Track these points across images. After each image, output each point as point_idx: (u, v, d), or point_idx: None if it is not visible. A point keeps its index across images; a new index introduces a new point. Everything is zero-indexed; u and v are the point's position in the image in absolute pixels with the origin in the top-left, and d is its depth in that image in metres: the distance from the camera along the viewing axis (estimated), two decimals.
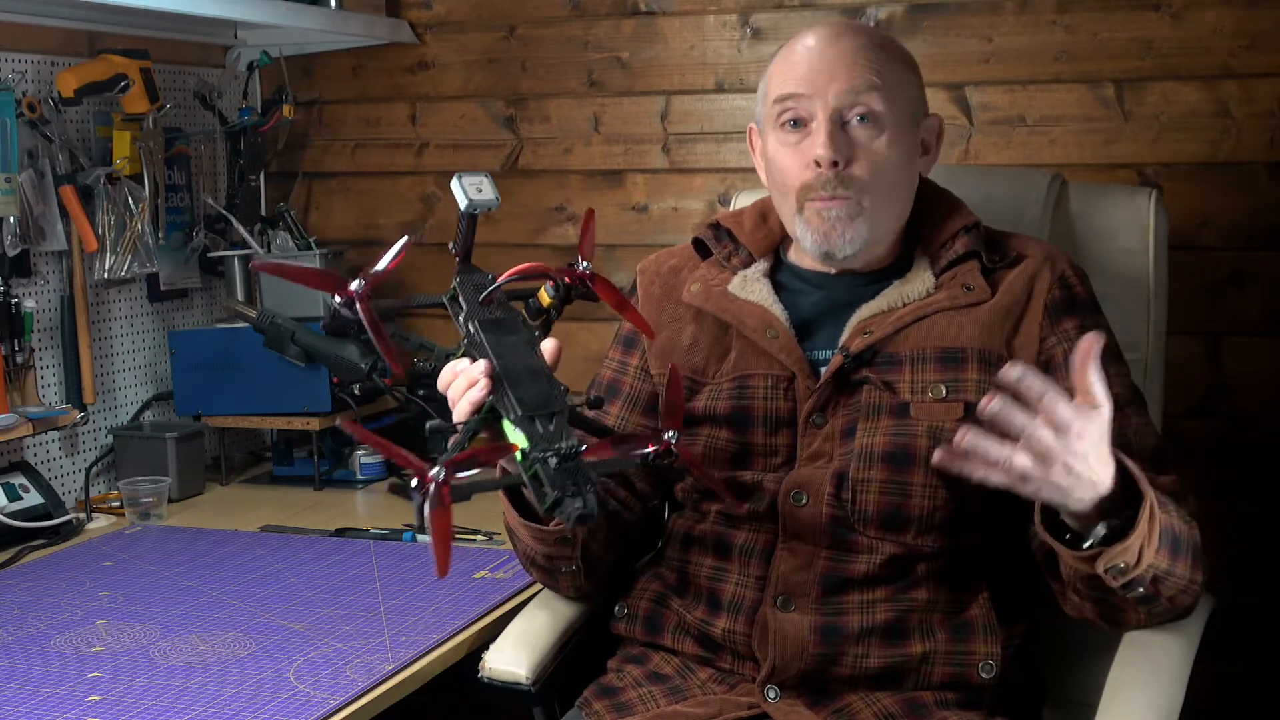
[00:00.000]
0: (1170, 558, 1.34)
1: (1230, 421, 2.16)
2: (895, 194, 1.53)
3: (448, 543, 1.09)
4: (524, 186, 2.54)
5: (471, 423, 1.27)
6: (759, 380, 1.53)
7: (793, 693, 1.46)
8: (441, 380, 1.34)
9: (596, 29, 2.46)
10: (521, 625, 1.62)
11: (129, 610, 1.76)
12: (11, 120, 2.08)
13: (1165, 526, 1.32)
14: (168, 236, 2.39)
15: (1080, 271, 1.56)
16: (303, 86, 2.64)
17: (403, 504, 2.25)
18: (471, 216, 1.36)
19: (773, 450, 1.52)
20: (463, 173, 1.36)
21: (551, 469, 1.17)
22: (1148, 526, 1.28)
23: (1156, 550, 1.31)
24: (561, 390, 1.27)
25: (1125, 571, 1.30)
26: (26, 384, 2.15)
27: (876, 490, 1.46)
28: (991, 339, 1.49)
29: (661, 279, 1.67)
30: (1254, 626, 2.14)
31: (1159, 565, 1.33)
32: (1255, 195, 2.11)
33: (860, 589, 1.47)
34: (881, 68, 1.50)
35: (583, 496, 1.16)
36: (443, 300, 1.37)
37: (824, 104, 1.49)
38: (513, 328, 1.32)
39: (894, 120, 1.50)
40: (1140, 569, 1.31)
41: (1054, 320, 1.50)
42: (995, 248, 1.56)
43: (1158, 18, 2.13)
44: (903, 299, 1.52)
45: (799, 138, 1.51)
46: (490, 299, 1.33)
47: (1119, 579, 1.32)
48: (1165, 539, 1.32)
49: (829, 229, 1.50)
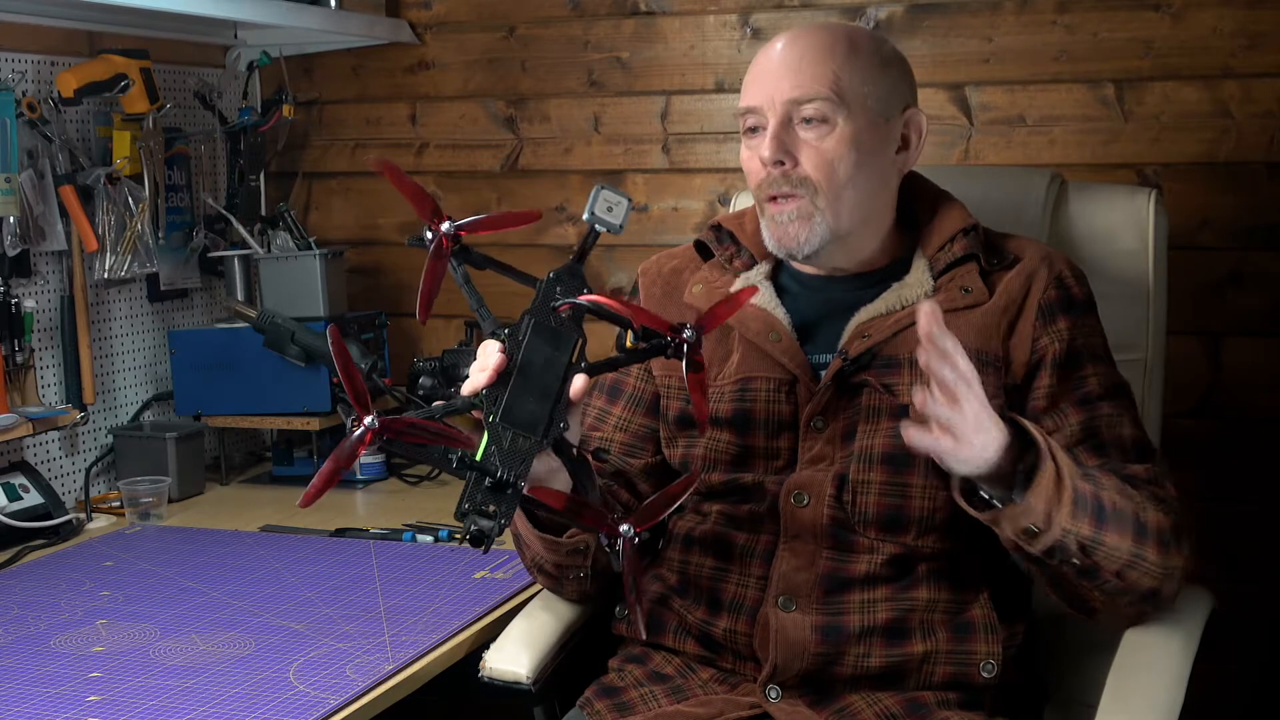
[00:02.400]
0: (1095, 526, 1.35)
1: (1230, 421, 2.16)
2: (851, 191, 1.51)
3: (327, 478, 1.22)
4: (524, 186, 2.54)
5: (458, 402, 1.28)
6: (761, 383, 1.53)
7: (794, 692, 1.47)
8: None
9: (596, 29, 2.46)
10: (522, 625, 1.62)
11: (129, 610, 1.75)
12: (11, 120, 2.08)
13: (1085, 494, 1.34)
14: (168, 236, 2.39)
15: (1078, 272, 1.56)
16: (303, 86, 2.64)
17: (403, 504, 2.25)
18: (593, 228, 1.36)
19: (774, 453, 1.52)
20: (608, 186, 1.37)
21: (482, 483, 1.20)
22: (1054, 490, 1.31)
23: (1071, 516, 1.33)
24: (556, 426, 1.28)
25: (1037, 535, 1.33)
26: (26, 384, 2.15)
27: (876, 492, 1.46)
28: (989, 341, 1.49)
29: (663, 280, 1.67)
30: (1254, 626, 2.14)
31: (1080, 532, 1.34)
32: (1255, 195, 2.11)
33: (861, 589, 1.47)
34: (836, 66, 1.49)
35: (493, 522, 1.20)
36: (535, 280, 1.37)
37: (773, 109, 1.50)
38: (561, 345, 1.32)
39: (849, 117, 1.49)
40: (1054, 533, 1.33)
41: (1047, 319, 1.50)
42: (994, 250, 1.56)
43: (1158, 18, 2.13)
44: (901, 302, 1.52)
45: (757, 142, 1.53)
46: (565, 309, 1.33)
47: (1033, 544, 1.34)
48: (1084, 506, 1.34)
49: (782, 232, 1.51)
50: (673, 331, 1.36)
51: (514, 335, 1.31)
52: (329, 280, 2.41)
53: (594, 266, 2.50)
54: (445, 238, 1.34)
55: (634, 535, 1.28)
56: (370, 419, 1.17)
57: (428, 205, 1.35)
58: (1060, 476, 1.32)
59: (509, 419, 1.25)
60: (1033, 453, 1.33)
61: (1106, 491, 1.38)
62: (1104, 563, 1.37)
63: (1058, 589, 1.44)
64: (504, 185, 2.55)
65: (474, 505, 1.20)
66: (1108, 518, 1.36)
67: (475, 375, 1.30)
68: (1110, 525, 1.36)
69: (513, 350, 1.29)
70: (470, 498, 1.20)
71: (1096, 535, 1.35)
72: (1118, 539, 1.37)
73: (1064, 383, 1.49)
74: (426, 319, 1.31)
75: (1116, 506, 1.38)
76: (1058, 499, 1.32)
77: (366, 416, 1.17)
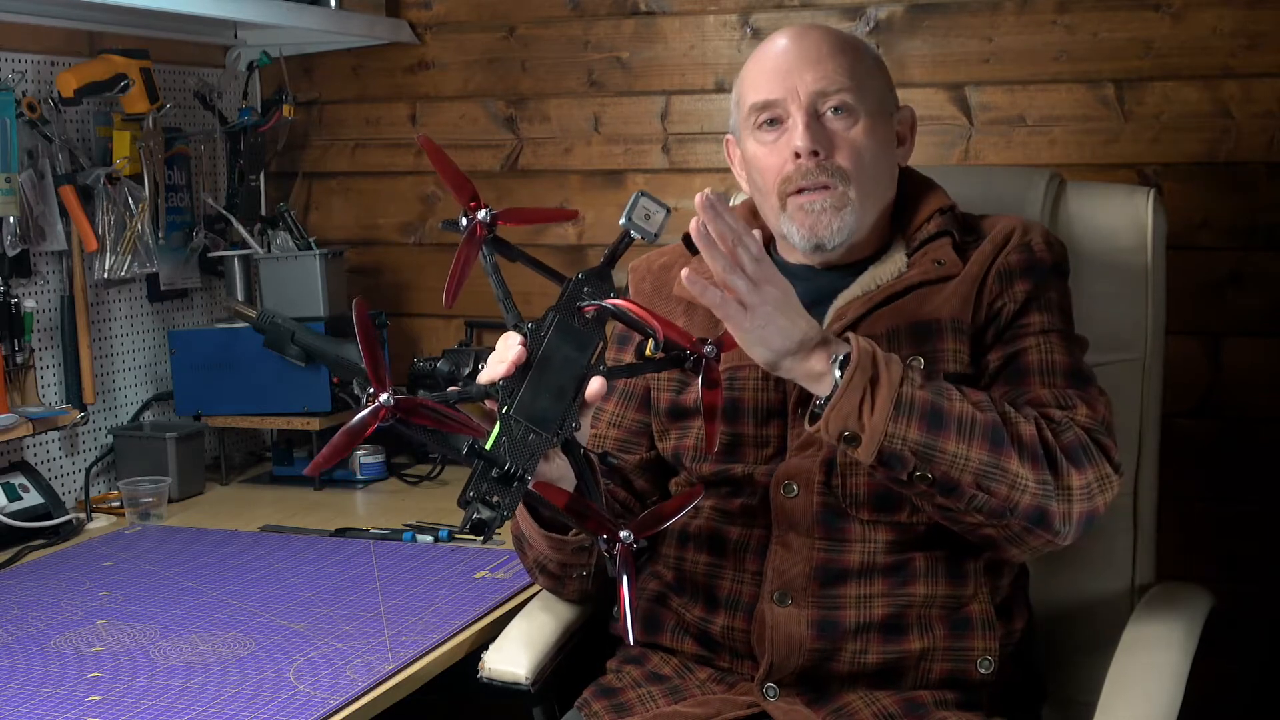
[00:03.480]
0: (926, 431, 1.33)
1: (1230, 421, 2.16)
2: (877, 182, 1.54)
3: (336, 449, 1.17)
4: (524, 186, 2.54)
5: (473, 389, 1.28)
6: (749, 372, 1.53)
7: (791, 691, 1.47)
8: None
9: (596, 29, 2.46)
10: (521, 625, 1.62)
11: (129, 610, 1.76)
12: (11, 120, 2.08)
13: (913, 399, 1.33)
14: (168, 236, 2.39)
15: (1053, 240, 1.56)
16: (303, 86, 2.64)
17: (403, 504, 2.26)
18: (627, 233, 1.36)
19: (764, 441, 1.53)
20: (648, 194, 1.35)
21: (489, 472, 1.19)
22: (868, 389, 1.31)
23: (892, 419, 1.32)
24: (569, 426, 1.28)
25: (855, 440, 1.33)
26: (26, 384, 2.15)
27: (865, 472, 1.45)
28: (963, 310, 1.50)
29: (653, 276, 1.68)
30: (1254, 626, 2.14)
31: (909, 437, 1.33)
32: (1255, 195, 2.11)
33: (857, 581, 1.47)
34: (847, 61, 1.52)
35: (496, 513, 1.19)
36: (563, 279, 1.36)
37: (797, 100, 1.50)
38: (581, 346, 1.32)
39: (867, 110, 1.52)
40: (874, 437, 1.32)
41: (1005, 282, 1.50)
42: (970, 228, 1.57)
43: (1158, 18, 2.13)
44: (875, 282, 1.53)
45: (776, 135, 1.53)
46: (590, 310, 1.33)
47: (860, 452, 1.33)
48: (909, 409, 1.33)
49: (814, 221, 1.51)
50: (694, 346, 1.35)
51: (536, 331, 1.30)
52: (329, 280, 2.41)
53: (594, 263, 2.49)
54: (480, 225, 1.33)
55: (633, 542, 1.28)
56: (386, 396, 1.16)
57: (466, 190, 1.35)
58: (877, 378, 1.32)
59: (523, 413, 1.25)
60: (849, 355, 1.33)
61: (952, 401, 1.36)
62: (954, 474, 1.35)
63: (949, 522, 1.42)
64: (504, 185, 2.54)
65: (479, 494, 1.20)
66: (946, 423, 1.34)
67: (493, 365, 1.29)
68: (950, 431, 1.34)
69: (534, 345, 1.29)
70: (475, 486, 1.20)
71: (930, 440, 1.33)
72: (961, 446, 1.34)
73: (1012, 328, 1.49)
74: (454, 303, 1.30)
75: (962, 414, 1.35)
76: (871, 400, 1.32)
77: (383, 393, 1.16)
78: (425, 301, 2.65)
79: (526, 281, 1.37)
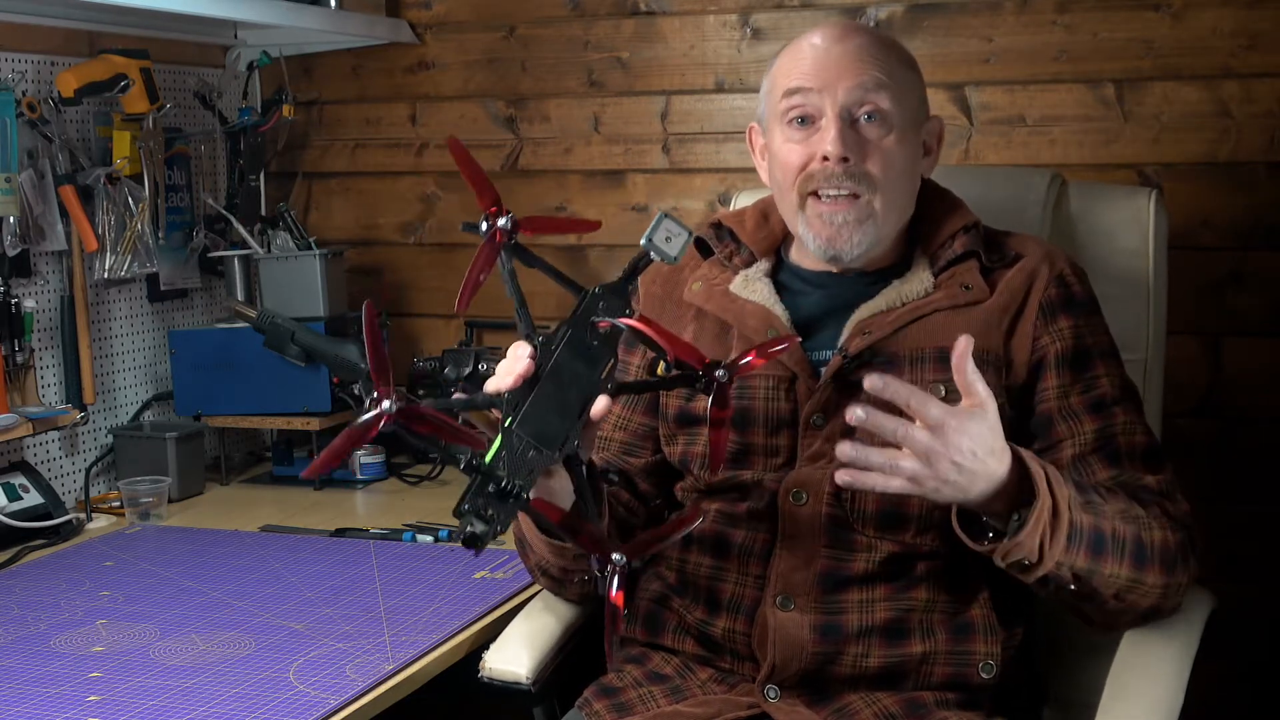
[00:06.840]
0: (1092, 557, 1.34)
1: (1230, 421, 2.16)
2: (902, 195, 1.54)
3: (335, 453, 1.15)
4: (524, 186, 2.54)
5: (478, 398, 1.27)
6: (760, 381, 1.53)
7: (792, 692, 1.46)
8: None
9: (596, 29, 2.46)
10: (522, 625, 1.62)
11: (129, 610, 1.76)
12: (11, 120, 2.08)
13: (1083, 526, 1.33)
14: (168, 236, 2.39)
15: (1079, 270, 1.56)
16: (303, 86, 2.64)
17: (403, 504, 2.26)
18: (647, 253, 1.33)
19: (774, 450, 1.52)
20: (671, 216, 1.32)
21: (485, 487, 1.18)
22: (1049, 524, 1.31)
23: (1066, 548, 1.32)
24: (571, 444, 1.25)
25: (1030, 568, 1.33)
26: (26, 384, 2.15)
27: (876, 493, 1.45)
28: (990, 338, 1.49)
29: (663, 278, 1.67)
30: (1254, 626, 2.14)
31: (1075, 564, 1.34)
32: (1255, 195, 2.11)
33: (860, 587, 1.47)
34: (889, 67, 1.51)
35: (489, 526, 1.18)
36: (580, 290, 1.33)
37: (833, 100, 1.49)
38: (592, 362, 1.28)
39: (901, 120, 1.51)
40: (1047, 566, 1.32)
41: (1049, 318, 1.50)
42: (994, 248, 1.56)
43: (1158, 18, 2.13)
44: (901, 299, 1.52)
45: (806, 134, 1.51)
46: (604, 326, 1.29)
47: (1028, 575, 1.34)
48: (1081, 538, 1.33)
49: (834, 234, 1.51)
50: (706, 369, 1.33)
51: (547, 344, 1.27)
52: (329, 280, 2.41)
53: (594, 265, 2.50)
54: (500, 231, 1.32)
55: (625, 563, 1.26)
56: (389, 403, 1.14)
57: (489, 194, 1.32)
58: (1057, 510, 1.32)
59: (526, 428, 1.22)
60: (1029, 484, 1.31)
61: (1107, 520, 1.37)
62: (1101, 588, 1.37)
63: (1065, 605, 1.44)
64: (504, 185, 2.51)
65: (474, 507, 1.18)
66: (1106, 548, 1.36)
67: (501, 376, 1.27)
68: (1108, 555, 1.36)
69: (543, 359, 1.26)
70: (471, 499, 1.18)
71: (1092, 566, 1.35)
72: (1116, 566, 1.37)
73: (1074, 384, 1.49)
74: (466, 308, 1.27)
75: (1117, 534, 1.37)
76: (1051, 534, 1.31)
77: (385, 400, 1.14)
78: (425, 301, 2.65)
79: (532, 283, 1.37)
